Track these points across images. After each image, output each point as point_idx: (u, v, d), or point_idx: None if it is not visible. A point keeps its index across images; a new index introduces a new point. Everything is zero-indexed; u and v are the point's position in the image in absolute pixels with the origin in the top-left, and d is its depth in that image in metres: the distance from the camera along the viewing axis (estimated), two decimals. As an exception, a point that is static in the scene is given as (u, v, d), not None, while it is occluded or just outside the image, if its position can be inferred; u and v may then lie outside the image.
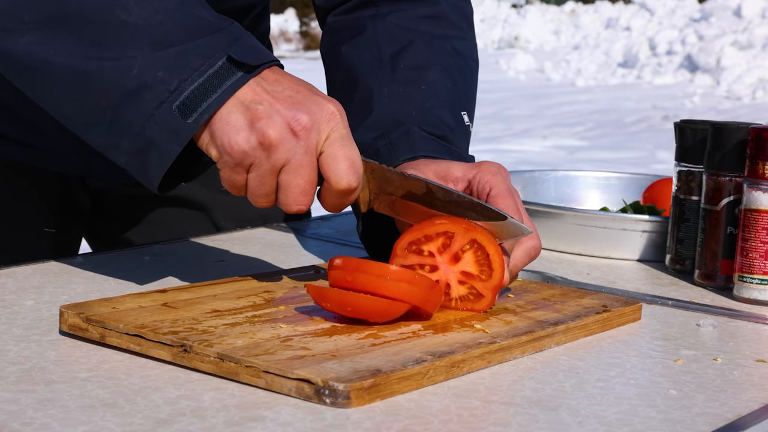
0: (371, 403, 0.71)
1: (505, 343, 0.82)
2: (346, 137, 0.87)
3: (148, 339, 0.78)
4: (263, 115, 0.85)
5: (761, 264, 1.05)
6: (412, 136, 1.03)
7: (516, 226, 0.91)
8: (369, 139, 1.05)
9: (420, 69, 1.10)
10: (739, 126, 1.09)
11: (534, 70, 14.71)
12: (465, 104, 1.12)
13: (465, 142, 1.10)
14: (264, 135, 0.85)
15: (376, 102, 1.08)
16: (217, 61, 0.86)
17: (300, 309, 0.88)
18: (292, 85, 0.87)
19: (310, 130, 0.86)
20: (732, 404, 0.76)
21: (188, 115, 0.85)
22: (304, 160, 0.86)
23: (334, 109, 0.87)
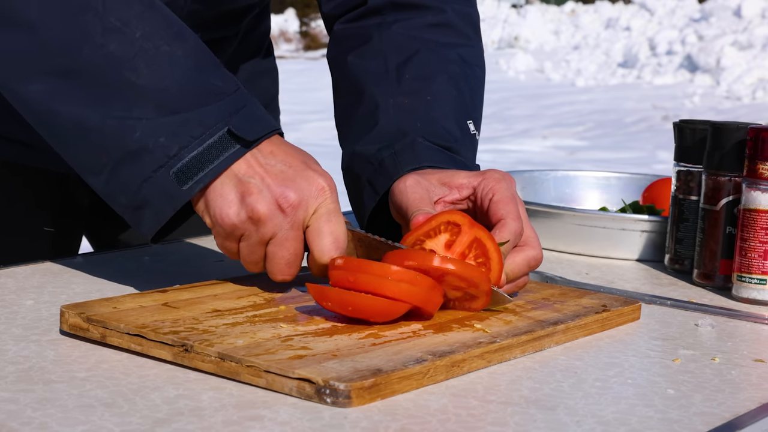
0: (371, 403, 0.71)
1: (505, 342, 0.82)
2: (333, 212, 0.90)
3: (149, 339, 0.78)
4: (254, 190, 0.88)
5: (760, 264, 1.05)
6: (416, 146, 1.04)
7: (499, 296, 0.91)
8: (374, 150, 1.06)
9: (425, 79, 1.10)
10: (738, 126, 1.09)
11: (534, 70, 14.71)
12: (471, 113, 1.12)
13: (471, 152, 1.10)
14: (253, 210, 0.88)
15: (382, 114, 1.08)
16: (217, 132, 0.88)
17: (301, 309, 0.88)
18: (287, 159, 0.90)
19: (297, 207, 0.88)
20: (730, 404, 0.76)
21: (185, 182, 0.88)
22: (289, 235, 0.89)
23: (323, 185, 0.89)
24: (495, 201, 0.96)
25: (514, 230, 0.94)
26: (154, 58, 0.88)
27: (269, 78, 1.38)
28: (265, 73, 1.36)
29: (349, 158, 1.09)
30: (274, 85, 1.39)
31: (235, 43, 1.28)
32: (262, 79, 1.36)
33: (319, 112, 10.25)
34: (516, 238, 0.95)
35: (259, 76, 1.35)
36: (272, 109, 1.39)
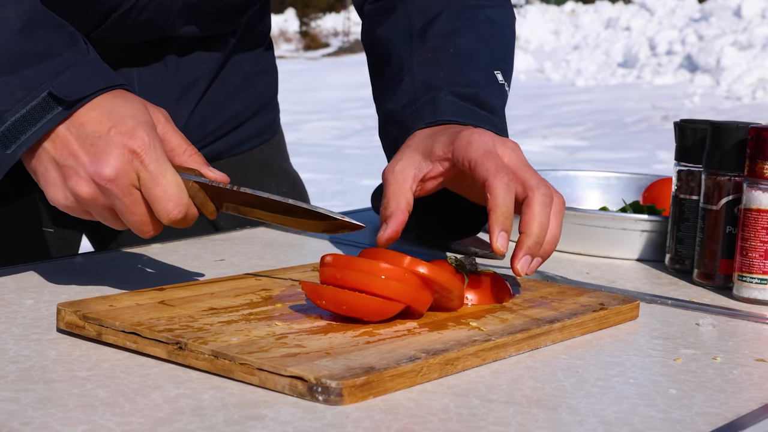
0: (368, 402, 0.71)
1: (501, 340, 0.82)
2: (156, 172, 0.87)
3: (144, 336, 0.78)
4: (72, 173, 0.87)
5: (761, 263, 1.05)
6: (437, 102, 1.03)
7: (348, 224, 0.90)
8: (399, 107, 1.06)
9: (450, 35, 1.10)
10: (738, 126, 1.09)
11: (534, 70, 14.71)
12: (499, 64, 1.11)
13: (499, 100, 1.08)
14: (76, 194, 0.88)
15: (406, 71, 1.08)
16: (39, 94, 0.87)
17: (296, 307, 0.88)
18: (97, 127, 0.88)
19: (114, 179, 0.87)
20: (731, 403, 0.76)
21: (8, 146, 0.87)
22: (126, 201, 0.88)
23: (134, 148, 0.87)
24: (473, 167, 0.94)
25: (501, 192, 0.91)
26: None
27: (269, 77, 1.38)
28: (264, 72, 1.36)
29: (383, 119, 1.10)
30: (273, 85, 1.39)
31: (234, 40, 1.28)
32: (262, 78, 1.36)
33: (319, 112, 10.25)
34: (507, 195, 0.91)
35: (258, 75, 1.35)
36: (271, 109, 1.39)
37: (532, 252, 0.91)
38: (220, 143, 1.31)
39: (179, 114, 1.25)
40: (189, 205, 0.89)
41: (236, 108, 1.32)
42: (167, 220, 0.89)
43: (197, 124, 1.27)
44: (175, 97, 1.24)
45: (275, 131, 1.41)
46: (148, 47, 1.20)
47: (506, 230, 0.90)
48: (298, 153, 7.23)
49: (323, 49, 21.74)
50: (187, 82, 1.24)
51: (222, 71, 1.28)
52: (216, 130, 1.30)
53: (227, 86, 1.29)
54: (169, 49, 1.22)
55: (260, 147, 1.37)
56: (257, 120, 1.36)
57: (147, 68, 1.21)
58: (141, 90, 1.21)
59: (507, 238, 0.90)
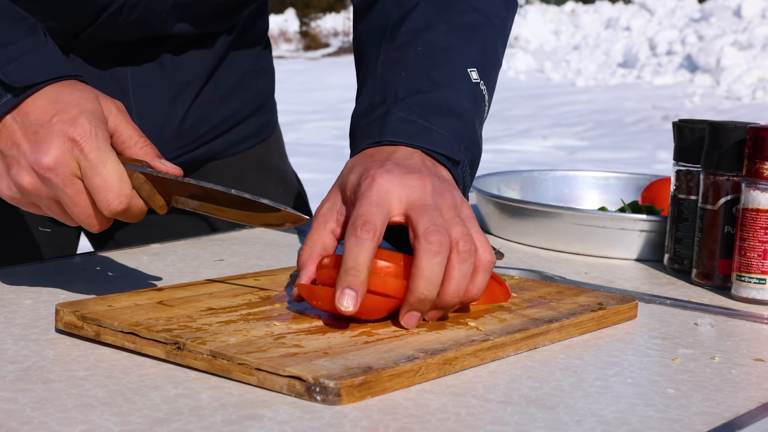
0: (366, 401, 0.71)
1: (499, 340, 0.82)
2: (97, 162, 0.86)
3: (142, 336, 0.78)
4: (14, 161, 0.87)
5: (759, 263, 1.05)
6: (388, 117, 0.96)
7: (294, 215, 0.87)
8: (356, 116, 1.01)
9: (420, 30, 1.03)
10: (736, 125, 1.09)
11: (534, 70, 14.71)
12: (476, 61, 1.03)
13: (468, 101, 1.00)
14: (18, 183, 0.87)
15: (370, 73, 1.03)
16: None
17: (295, 307, 0.88)
18: (40, 116, 0.87)
19: (54, 168, 0.85)
20: (729, 403, 0.76)
21: None
22: (68, 192, 0.86)
23: (74, 136, 0.86)
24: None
25: (347, 246, 0.83)
26: None
27: (266, 77, 1.37)
28: (261, 72, 1.36)
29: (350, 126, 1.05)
30: (270, 84, 1.39)
31: (230, 39, 1.27)
32: (259, 78, 1.36)
33: (319, 112, 10.25)
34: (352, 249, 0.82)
35: (255, 75, 1.34)
36: (268, 109, 1.39)
37: (418, 309, 0.83)
38: (215, 143, 1.31)
39: (174, 113, 1.25)
40: (132, 197, 0.87)
41: (232, 108, 1.32)
42: (108, 212, 0.87)
43: (192, 123, 1.27)
44: (170, 96, 1.24)
45: (272, 131, 1.41)
46: (141, 46, 1.20)
47: (351, 287, 0.81)
48: (297, 153, 7.23)
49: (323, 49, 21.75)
50: (182, 81, 1.24)
51: (217, 71, 1.28)
52: (211, 129, 1.30)
53: (223, 86, 1.29)
54: (163, 48, 1.21)
55: (257, 147, 1.37)
56: (254, 120, 1.36)
57: (141, 67, 1.21)
58: (135, 89, 1.21)
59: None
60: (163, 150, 1.24)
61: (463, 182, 0.98)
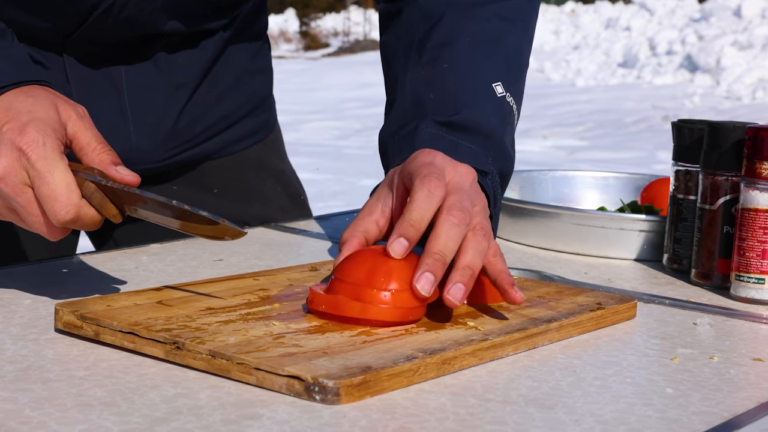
0: (365, 401, 0.71)
1: (498, 340, 0.82)
2: (44, 171, 0.85)
3: (141, 336, 0.79)
4: None
5: (758, 263, 1.05)
6: (417, 134, 0.99)
7: (231, 229, 0.87)
8: (386, 135, 1.04)
9: (446, 45, 1.05)
10: (735, 125, 1.10)
11: (534, 70, 14.71)
12: (500, 74, 1.05)
13: (495, 117, 1.03)
14: None
15: (399, 92, 1.05)
16: None
17: (294, 307, 0.88)
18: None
19: (3, 178, 0.85)
20: (728, 403, 0.76)
21: None
22: (19, 202, 0.86)
23: (22, 145, 0.85)
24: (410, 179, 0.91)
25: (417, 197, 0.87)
26: None
27: (263, 76, 1.37)
28: (259, 71, 1.36)
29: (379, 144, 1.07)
30: (268, 84, 1.39)
31: (226, 37, 1.27)
32: (256, 78, 1.35)
33: (319, 112, 10.25)
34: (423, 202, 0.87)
35: (252, 74, 1.34)
36: (266, 108, 1.39)
37: (432, 270, 0.84)
38: (211, 142, 1.31)
39: (169, 113, 1.25)
40: (80, 206, 0.87)
41: (229, 107, 1.32)
42: (56, 221, 0.86)
43: (188, 123, 1.27)
44: (165, 95, 1.24)
45: (270, 130, 1.40)
46: (135, 46, 1.20)
47: (408, 237, 0.86)
48: (298, 153, 7.22)
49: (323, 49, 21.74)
50: (177, 81, 1.24)
51: (214, 69, 1.28)
52: (207, 129, 1.30)
53: (219, 85, 1.29)
54: (157, 48, 1.21)
55: (255, 147, 1.37)
56: (251, 119, 1.36)
57: (135, 67, 1.21)
58: (129, 89, 1.21)
59: (405, 246, 0.85)
60: (158, 149, 1.24)
61: (494, 192, 1.00)
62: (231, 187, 1.35)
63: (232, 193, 1.35)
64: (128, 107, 1.20)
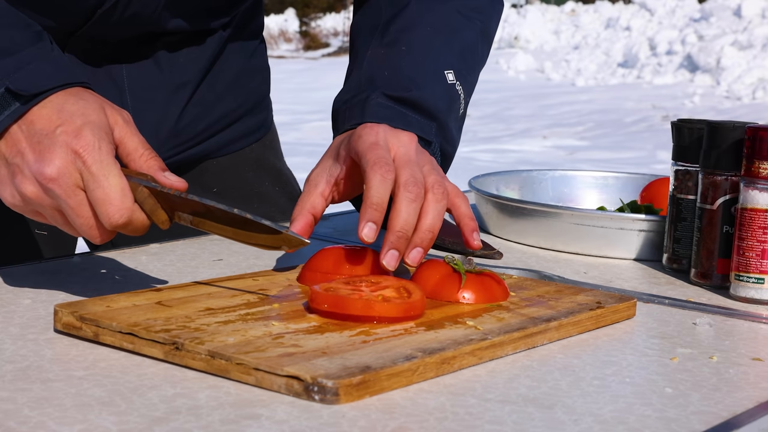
0: (364, 401, 0.71)
1: (497, 339, 0.82)
2: (98, 174, 0.86)
3: (141, 337, 0.78)
4: (18, 170, 0.87)
5: (757, 263, 1.05)
6: (367, 103, 1.05)
7: (293, 238, 0.88)
8: (338, 102, 1.10)
9: (406, 30, 1.12)
10: (734, 125, 1.10)
11: (534, 70, 14.71)
12: (454, 64, 1.12)
13: (443, 101, 1.10)
14: (21, 192, 0.87)
15: (357, 66, 1.12)
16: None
17: (293, 307, 0.88)
18: (45, 126, 0.87)
19: (56, 179, 0.85)
20: (727, 402, 0.76)
21: None
22: (70, 204, 0.86)
23: (76, 148, 0.86)
24: (359, 160, 0.98)
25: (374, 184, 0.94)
26: None
27: (261, 75, 1.38)
28: (256, 71, 1.36)
29: (331, 111, 1.12)
30: (266, 83, 1.39)
31: (225, 36, 1.27)
32: (254, 77, 1.36)
33: (319, 111, 10.25)
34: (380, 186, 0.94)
35: (250, 73, 1.34)
36: (264, 107, 1.39)
37: (396, 246, 0.93)
38: (211, 141, 1.31)
39: (170, 112, 1.25)
40: (133, 211, 0.87)
41: (228, 106, 1.32)
42: (109, 225, 0.87)
43: (188, 122, 1.27)
44: (167, 94, 1.24)
45: (268, 130, 1.41)
46: (137, 44, 1.20)
47: (374, 221, 0.93)
48: (297, 153, 7.22)
49: (323, 49, 21.74)
50: (179, 80, 1.24)
51: (213, 69, 1.28)
52: (207, 128, 1.30)
53: (219, 84, 1.29)
54: (159, 46, 1.21)
55: (253, 146, 1.37)
56: (249, 118, 1.36)
57: (137, 65, 1.21)
58: (131, 87, 1.21)
59: (374, 229, 0.93)
60: (159, 148, 1.24)
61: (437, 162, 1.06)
62: (230, 186, 1.35)
63: (231, 193, 1.35)
64: (130, 106, 1.20)
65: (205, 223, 0.90)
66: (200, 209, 0.89)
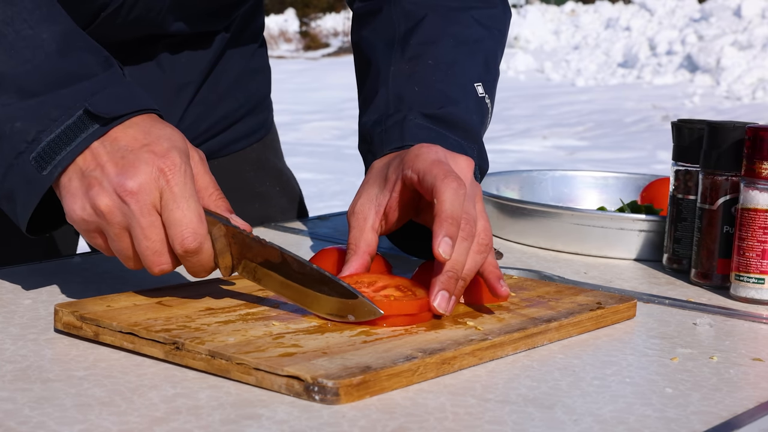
0: (365, 401, 0.71)
1: (497, 340, 0.82)
2: (179, 196, 0.84)
3: (141, 336, 0.79)
4: (95, 182, 0.84)
5: (758, 263, 1.05)
6: (405, 124, 1.01)
7: (366, 306, 0.84)
8: (370, 123, 1.04)
9: (430, 43, 1.08)
10: (735, 125, 1.10)
11: (534, 70, 14.71)
12: (481, 75, 1.08)
13: (477, 115, 1.06)
14: (94, 203, 0.84)
15: (382, 83, 1.07)
16: (75, 113, 0.85)
17: (294, 307, 0.88)
18: (130, 143, 0.86)
19: (137, 193, 0.84)
20: (727, 402, 0.76)
21: (44, 167, 0.85)
22: (143, 222, 0.84)
23: (163, 167, 0.84)
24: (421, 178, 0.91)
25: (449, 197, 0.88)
26: (14, 43, 0.86)
27: (262, 76, 1.37)
28: (257, 71, 1.36)
29: (359, 133, 1.08)
30: (266, 84, 1.39)
31: (226, 37, 1.27)
32: (255, 77, 1.36)
33: (319, 112, 10.25)
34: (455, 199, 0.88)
35: (251, 74, 1.34)
36: (265, 107, 1.39)
37: (447, 287, 0.87)
38: (213, 142, 1.31)
39: (172, 113, 1.25)
40: (206, 240, 0.86)
41: (230, 107, 1.32)
42: (181, 247, 0.84)
43: (191, 123, 1.27)
44: (168, 96, 1.24)
45: (268, 130, 1.41)
46: (138, 46, 1.20)
47: (451, 236, 0.86)
48: (297, 153, 7.23)
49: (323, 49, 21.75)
50: (181, 81, 1.24)
51: (214, 70, 1.28)
52: (209, 128, 1.30)
53: (220, 85, 1.29)
54: (160, 48, 1.22)
55: (254, 146, 1.37)
56: (250, 119, 1.36)
57: (139, 67, 1.21)
58: None
59: (451, 245, 0.86)
60: None
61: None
62: (231, 186, 1.35)
63: (232, 193, 1.34)
64: None
65: (270, 276, 0.87)
66: (274, 259, 0.86)
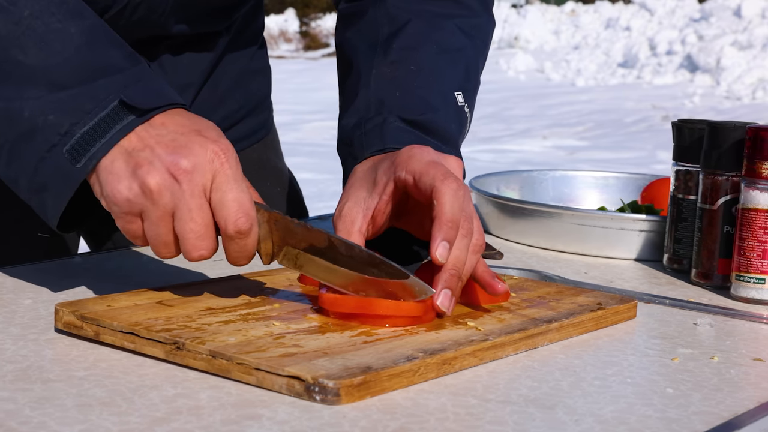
0: (365, 401, 0.71)
1: (498, 340, 0.82)
2: (233, 179, 0.84)
3: (141, 336, 0.78)
4: (144, 161, 0.83)
5: (758, 263, 1.05)
6: (385, 127, 1.01)
7: (419, 285, 0.85)
8: (350, 125, 1.04)
9: (411, 49, 1.08)
10: (735, 125, 1.10)
11: (534, 70, 14.71)
12: (461, 84, 1.08)
13: (455, 124, 1.05)
14: (144, 182, 0.83)
15: (363, 86, 1.06)
16: (108, 105, 0.85)
17: (294, 307, 0.88)
18: (178, 128, 0.85)
19: (191, 172, 0.83)
20: (728, 403, 0.76)
21: (78, 160, 0.84)
22: (191, 204, 0.83)
23: (217, 149, 0.84)
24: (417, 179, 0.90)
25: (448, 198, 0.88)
26: (44, 36, 0.86)
27: (262, 76, 1.37)
28: (257, 72, 1.36)
29: (338, 135, 1.08)
30: (266, 84, 1.39)
31: (227, 38, 1.27)
32: (255, 78, 1.36)
33: (319, 112, 10.25)
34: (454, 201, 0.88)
35: (251, 75, 1.34)
36: (264, 108, 1.39)
37: (450, 285, 0.87)
38: None
39: None
40: (255, 223, 0.85)
41: (230, 107, 1.32)
42: (234, 228, 0.84)
43: None
44: None
45: (269, 130, 1.41)
46: (140, 47, 1.20)
47: (449, 240, 0.87)
48: (298, 153, 7.23)
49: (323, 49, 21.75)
50: (182, 82, 1.24)
51: (215, 71, 1.28)
52: None
53: (220, 86, 1.29)
54: (162, 49, 1.21)
55: (254, 146, 1.37)
56: (251, 119, 1.36)
57: None
58: None
59: (448, 248, 0.86)
60: None
61: None
62: None
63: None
64: None
65: (313, 262, 0.86)
66: (320, 243, 0.86)
